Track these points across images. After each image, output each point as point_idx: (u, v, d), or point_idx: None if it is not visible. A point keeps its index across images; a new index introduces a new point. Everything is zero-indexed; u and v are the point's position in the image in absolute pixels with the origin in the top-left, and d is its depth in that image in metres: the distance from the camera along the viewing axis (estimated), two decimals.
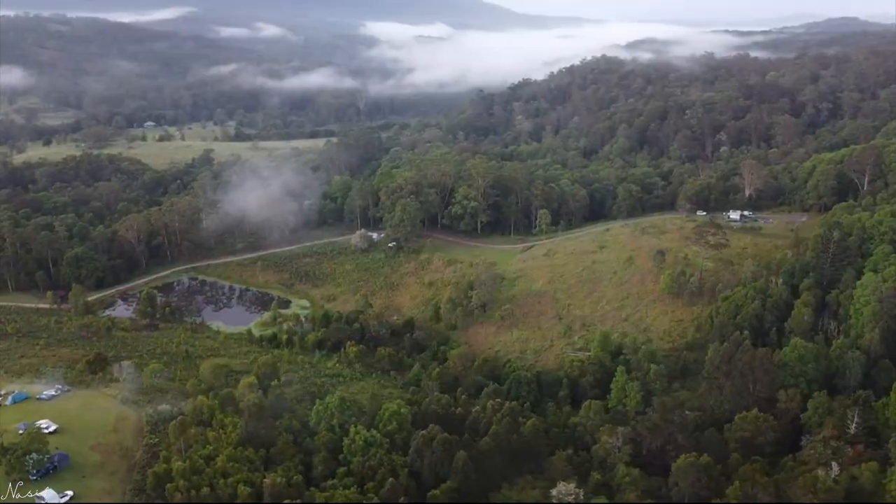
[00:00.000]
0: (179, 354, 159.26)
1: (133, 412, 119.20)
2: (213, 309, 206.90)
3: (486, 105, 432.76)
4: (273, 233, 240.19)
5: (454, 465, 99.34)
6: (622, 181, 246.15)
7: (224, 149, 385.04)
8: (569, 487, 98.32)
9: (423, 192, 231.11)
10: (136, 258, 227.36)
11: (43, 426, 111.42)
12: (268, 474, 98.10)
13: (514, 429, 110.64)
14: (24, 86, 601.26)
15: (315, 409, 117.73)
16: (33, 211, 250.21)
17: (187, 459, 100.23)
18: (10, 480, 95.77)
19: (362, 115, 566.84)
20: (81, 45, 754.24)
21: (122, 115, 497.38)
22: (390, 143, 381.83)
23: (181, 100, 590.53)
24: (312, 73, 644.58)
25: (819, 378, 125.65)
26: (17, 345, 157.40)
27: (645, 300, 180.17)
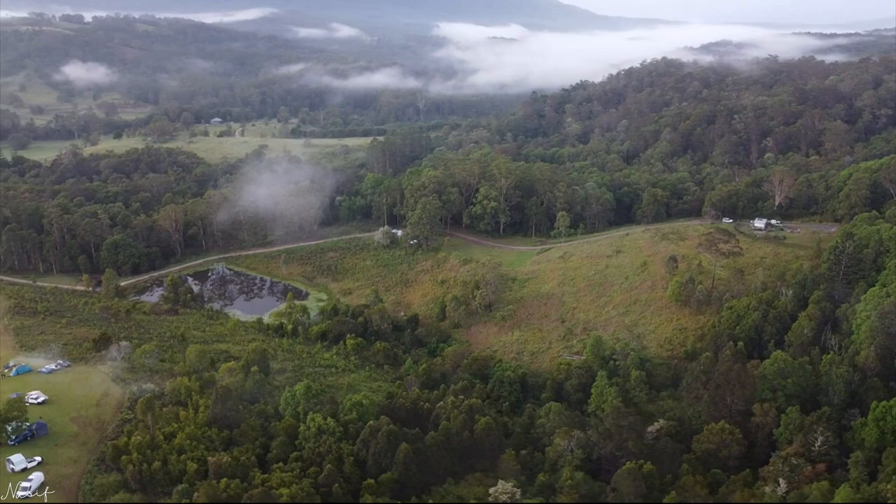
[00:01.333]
0: (188, 339, 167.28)
1: (119, 389, 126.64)
2: (234, 297, 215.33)
3: (537, 107, 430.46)
4: (302, 227, 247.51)
5: (396, 457, 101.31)
6: (653, 185, 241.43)
7: (278, 145, 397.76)
8: (506, 486, 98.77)
9: (446, 191, 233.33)
10: (172, 246, 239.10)
11: (33, 397, 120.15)
12: (222, 453, 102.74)
13: (467, 426, 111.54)
14: (107, 82, 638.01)
15: (283, 395, 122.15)
16: (87, 199, 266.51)
17: (147, 434, 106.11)
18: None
19: (421, 114, 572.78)
20: (164, 44, 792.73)
21: (191, 111, 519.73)
22: (437, 142, 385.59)
23: (250, 97, 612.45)
24: (377, 73, 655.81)
25: (800, 393, 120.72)
26: (41, 322, 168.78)
27: (652, 307, 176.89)
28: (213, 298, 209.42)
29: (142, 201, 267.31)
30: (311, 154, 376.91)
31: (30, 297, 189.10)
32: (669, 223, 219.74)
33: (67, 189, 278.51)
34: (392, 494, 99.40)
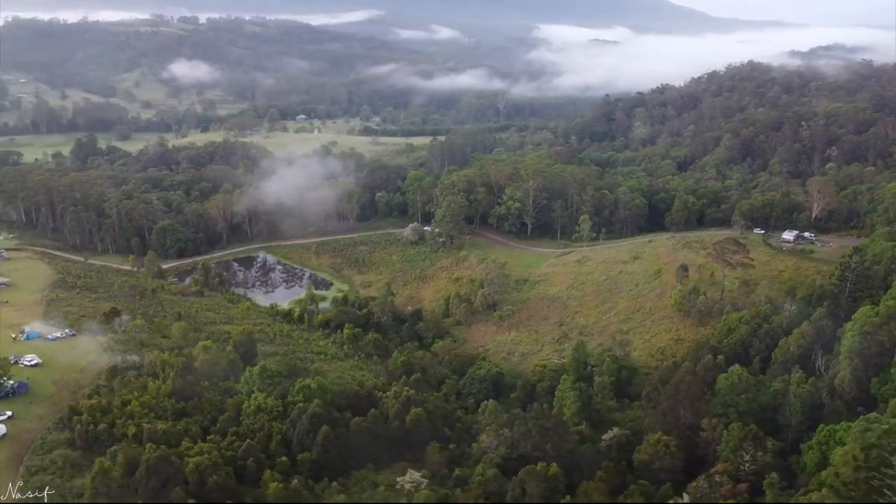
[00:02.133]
0: (199, 319, 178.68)
1: (107, 359, 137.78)
2: (261, 284, 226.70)
3: (608, 110, 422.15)
4: (341, 220, 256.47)
5: (316, 439, 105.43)
6: (692, 192, 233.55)
7: (346, 142, 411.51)
8: (414, 476, 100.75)
9: (474, 190, 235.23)
10: (218, 234, 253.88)
11: (28, 359, 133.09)
12: (160, 421, 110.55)
13: (399, 416, 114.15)
14: (210, 80, 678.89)
15: (244, 375, 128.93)
16: (153, 187, 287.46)
17: (105, 399, 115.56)
18: None
19: (501, 115, 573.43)
20: (268, 44, 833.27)
21: (278, 108, 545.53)
22: (499, 143, 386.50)
23: (338, 96, 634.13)
24: (462, 74, 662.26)
25: (755, 411, 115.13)
26: (74, 296, 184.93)
27: (654, 316, 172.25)
28: (241, 284, 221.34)
29: (201, 190, 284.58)
30: (376, 151, 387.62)
31: (75, 273, 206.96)
32: (697, 232, 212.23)
33: (136, 177, 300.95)
34: (309, 474, 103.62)
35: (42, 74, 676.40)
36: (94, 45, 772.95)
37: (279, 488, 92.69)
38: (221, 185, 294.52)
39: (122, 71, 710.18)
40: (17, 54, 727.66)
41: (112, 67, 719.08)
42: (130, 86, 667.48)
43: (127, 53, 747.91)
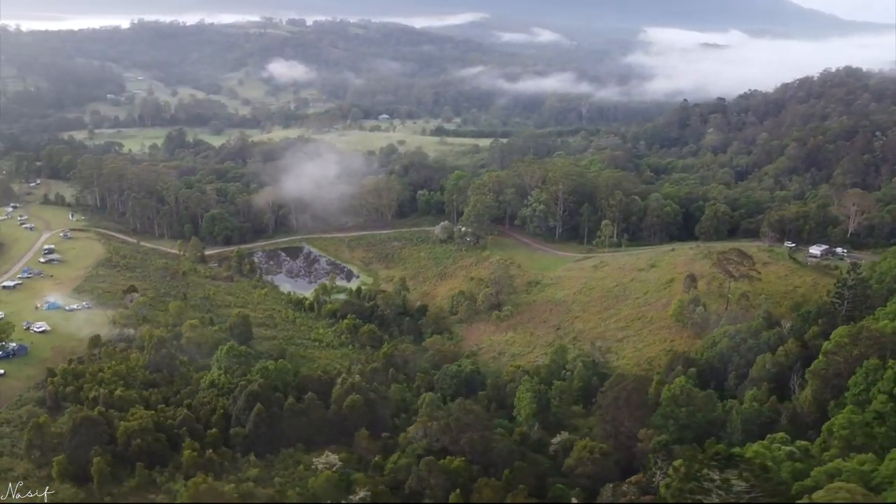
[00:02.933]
0: (216, 300, 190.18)
1: (107, 330, 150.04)
2: (292, 273, 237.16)
3: (683, 115, 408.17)
4: (380, 216, 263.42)
5: (250, 416, 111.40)
6: (732, 202, 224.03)
7: (416, 141, 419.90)
8: (330, 458, 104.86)
9: (504, 191, 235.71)
10: (265, 224, 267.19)
11: (37, 326, 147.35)
12: (121, 388, 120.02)
13: (339, 401, 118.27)
14: (306, 79, 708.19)
15: (216, 353, 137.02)
16: (217, 178, 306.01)
17: (83, 366, 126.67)
18: None
19: (583, 119, 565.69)
20: (366, 45, 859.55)
21: (362, 107, 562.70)
22: (563, 147, 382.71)
23: (424, 97, 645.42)
24: (549, 77, 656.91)
25: (695, 425, 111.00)
26: (112, 273, 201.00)
27: (654, 325, 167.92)
28: (272, 272, 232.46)
29: (260, 182, 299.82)
30: (441, 151, 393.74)
31: (123, 254, 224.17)
32: (725, 242, 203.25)
33: (205, 168, 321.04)
34: (241, 449, 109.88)
35: (158, 72, 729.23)
36: (207, 46, 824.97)
37: (193, 456, 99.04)
38: (279, 178, 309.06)
39: (228, 70, 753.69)
40: (139, 54, 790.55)
41: (220, 67, 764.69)
42: (235, 84, 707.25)
43: (235, 54, 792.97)
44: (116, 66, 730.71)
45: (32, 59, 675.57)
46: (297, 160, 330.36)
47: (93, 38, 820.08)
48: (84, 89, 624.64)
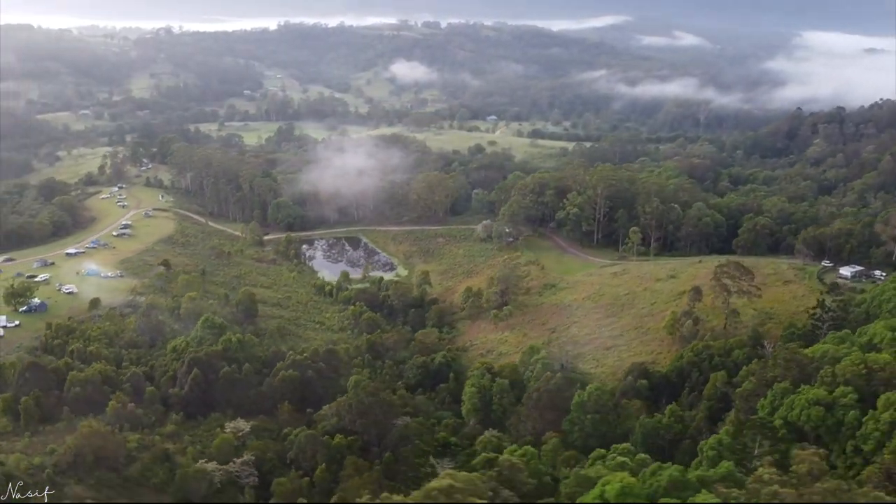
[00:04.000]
0: (246, 279, 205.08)
1: (123, 297, 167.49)
2: (336, 260, 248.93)
3: (793, 125, 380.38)
4: (433, 213, 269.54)
5: (188, 379, 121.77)
6: (785, 216, 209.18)
7: (508, 142, 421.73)
8: (240, 423, 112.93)
9: (545, 192, 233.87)
10: (326, 213, 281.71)
11: (66, 288, 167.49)
12: (99, 345, 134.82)
13: (274, 375, 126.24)
14: (429, 80, 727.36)
15: (197, 324, 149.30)
16: (300, 169, 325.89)
17: (75, 324, 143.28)
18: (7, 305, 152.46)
19: (701, 126, 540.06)
20: (494, 48, 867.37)
21: (470, 107, 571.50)
22: (654, 153, 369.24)
23: (540, 99, 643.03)
24: (671, 82, 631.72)
25: (600, 433, 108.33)
26: (165, 249, 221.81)
27: (647, 336, 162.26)
28: (316, 258, 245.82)
29: (332, 174, 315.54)
30: (529, 153, 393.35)
31: (188, 233, 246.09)
32: (758, 258, 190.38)
33: (292, 160, 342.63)
34: (178, 409, 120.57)
35: (295, 71, 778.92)
36: (343, 47, 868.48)
37: (116, 406, 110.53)
38: (348, 171, 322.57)
39: (359, 70, 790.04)
40: (281, 53, 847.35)
41: (352, 67, 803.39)
42: (363, 84, 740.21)
43: (367, 54, 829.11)
44: (259, 65, 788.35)
45: (187, 58, 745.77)
46: (370, 155, 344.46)
47: (244, 39, 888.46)
48: (226, 85, 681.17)
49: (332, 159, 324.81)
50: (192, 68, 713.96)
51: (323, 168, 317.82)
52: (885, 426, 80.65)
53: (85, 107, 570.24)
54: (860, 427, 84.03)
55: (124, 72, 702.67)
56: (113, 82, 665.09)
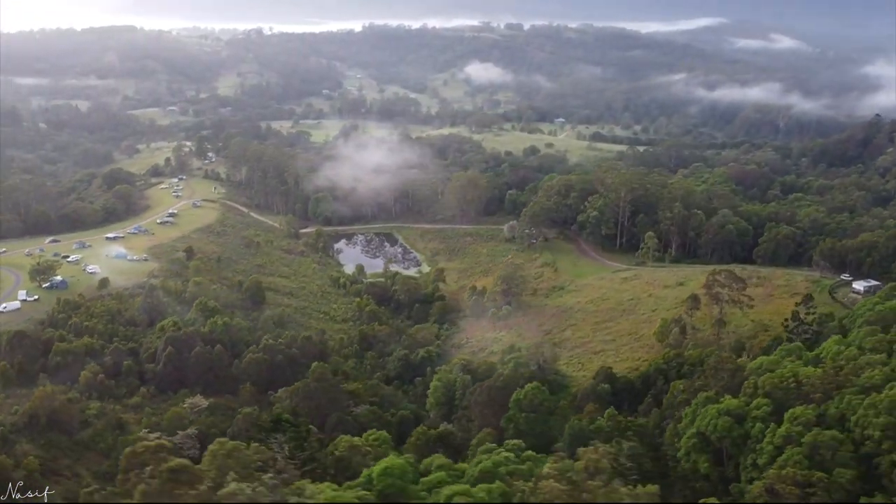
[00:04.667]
0: (266, 268, 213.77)
1: (141, 279, 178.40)
2: (365, 254, 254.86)
3: (869, 132, 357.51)
4: (465, 212, 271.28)
5: (163, 356, 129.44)
6: (819, 226, 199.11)
7: (564, 144, 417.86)
8: (198, 400, 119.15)
9: (569, 195, 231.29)
10: (364, 210, 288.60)
11: (90, 268, 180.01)
12: (103, 324, 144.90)
13: (242, 357, 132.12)
14: (503, 82, 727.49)
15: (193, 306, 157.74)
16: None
17: (83, 301, 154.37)
18: (32, 281, 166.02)
19: (779, 133, 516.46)
20: (574, 50, 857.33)
21: (538, 109, 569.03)
22: (710, 159, 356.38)
23: (614, 102, 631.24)
24: (753, 86, 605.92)
25: (536, 432, 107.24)
26: (200, 237, 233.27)
27: (639, 342, 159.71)
28: (345, 251, 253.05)
29: (374, 171, 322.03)
30: (585, 155, 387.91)
31: (227, 223, 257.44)
32: (776, 268, 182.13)
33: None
34: (152, 383, 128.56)
35: (375, 71, 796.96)
36: (424, 48, 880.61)
37: (87, 377, 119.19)
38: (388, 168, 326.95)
39: (437, 71, 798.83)
40: (363, 54, 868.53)
41: (430, 68, 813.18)
42: (439, 84, 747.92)
43: (446, 56, 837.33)
44: (341, 65, 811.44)
45: (272, 58, 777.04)
46: (422, 155, 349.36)
47: (329, 40, 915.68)
48: (307, 84, 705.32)
49: (377, 157, 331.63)
50: (275, 68, 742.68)
51: (366, 166, 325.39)
52: (779, 440, 77.18)
53: (173, 103, 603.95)
54: (763, 440, 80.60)
55: (214, 71, 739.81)
56: (202, 81, 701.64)
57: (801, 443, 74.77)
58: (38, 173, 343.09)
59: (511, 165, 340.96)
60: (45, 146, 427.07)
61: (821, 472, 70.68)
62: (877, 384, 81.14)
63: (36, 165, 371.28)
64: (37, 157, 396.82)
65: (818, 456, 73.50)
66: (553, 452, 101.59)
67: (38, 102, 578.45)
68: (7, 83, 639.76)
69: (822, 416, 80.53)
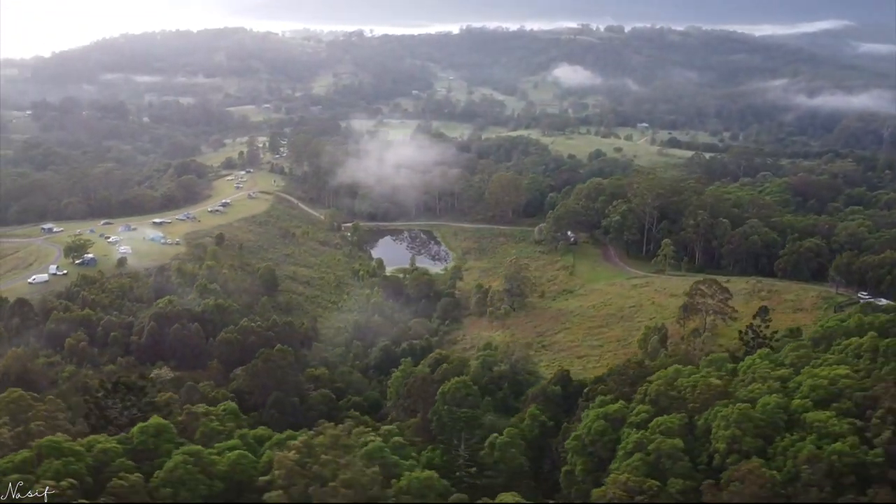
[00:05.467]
0: (295, 257, 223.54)
1: (166, 261, 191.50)
2: (398, 250, 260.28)
3: None
4: (503, 213, 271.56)
5: (146, 330, 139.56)
6: (859, 241, 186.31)
7: (635, 149, 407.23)
8: (164, 371, 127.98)
9: (598, 198, 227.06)
10: (408, 207, 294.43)
11: (123, 249, 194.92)
12: (109, 298, 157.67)
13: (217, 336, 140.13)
14: (592, 85, 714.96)
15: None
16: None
17: (99, 277, 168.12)
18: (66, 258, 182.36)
19: (884, 144, 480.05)
20: (674, 53, 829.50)
21: (622, 113, 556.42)
22: (783, 169, 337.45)
23: (706, 108, 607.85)
24: (860, 94, 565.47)
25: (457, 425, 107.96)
26: (242, 225, 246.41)
27: (625, 349, 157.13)
28: (377, 245, 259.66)
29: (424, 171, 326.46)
30: (654, 161, 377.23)
31: (274, 214, 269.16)
32: (792, 282, 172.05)
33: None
34: (133, 355, 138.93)
35: (467, 73, 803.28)
36: (519, 50, 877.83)
37: (70, 342, 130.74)
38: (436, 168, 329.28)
39: (529, 73, 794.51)
40: (458, 56, 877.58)
41: (523, 70, 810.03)
42: (530, 87, 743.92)
43: (540, 58, 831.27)
44: (434, 67, 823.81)
45: (368, 59, 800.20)
46: (501, 157, 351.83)
47: (426, 42, 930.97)
48: (398, 85, 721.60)
49: (431, 156, 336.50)
50: (370, 69, 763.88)
51: (418, 164, 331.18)
52: (631, 446, 75.16)
53: (269, 101, 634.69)
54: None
55: (312, 70, 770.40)
56: (300, 80, 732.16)
57: (648, 450, 72.61)
58: (128, 163, 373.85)
59: (570, 169, 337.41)
60: (142, 138, 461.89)
61: (654, 481, 68.67)
62: (754, 397, 77.29)
63: (129, 155, 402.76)
64: (133, 149, 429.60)
65: (661, 464, 71.24)
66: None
67: (149, 98, 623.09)
68: (126, 80, 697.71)
69: (691, 426, 77.66)
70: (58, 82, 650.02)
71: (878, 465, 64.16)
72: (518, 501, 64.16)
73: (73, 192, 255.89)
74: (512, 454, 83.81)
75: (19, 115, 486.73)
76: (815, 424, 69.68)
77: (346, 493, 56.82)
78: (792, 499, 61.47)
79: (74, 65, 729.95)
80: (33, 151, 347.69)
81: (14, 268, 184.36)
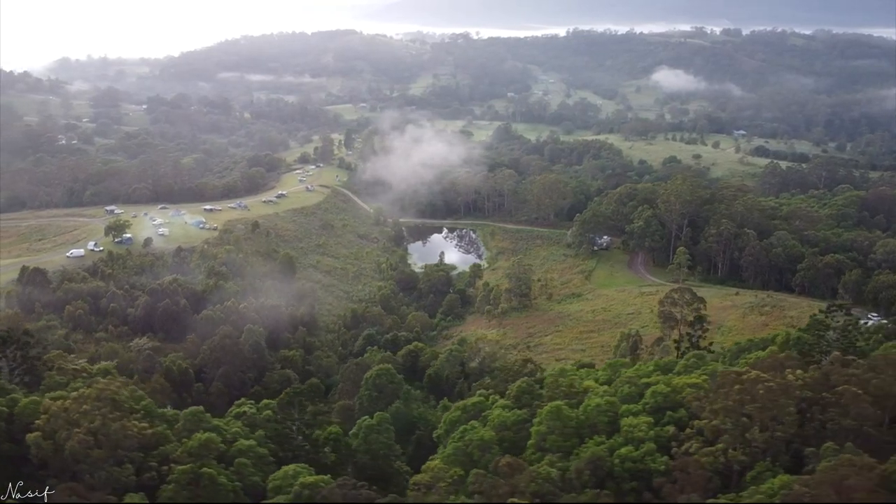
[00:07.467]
0: (326, 248, 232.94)
1: (195, 244, 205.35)
2: (437, 247, 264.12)
3: None
4: (545, 215, 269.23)
5: (141, 304, 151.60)
6: (892, 257, 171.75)
7: (715, 157, 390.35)
8: (143, 342, 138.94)
9: (628, 203, 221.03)
10: (458, 205, 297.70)
11: (161, 231, 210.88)
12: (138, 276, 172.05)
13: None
14: (696, 89, 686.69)
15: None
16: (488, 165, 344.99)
17: (124, 255, 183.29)
18: (107, 236, 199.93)
19: None
20: (791, 58, 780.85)
21: (719, 121, 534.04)
22: (867, 182, 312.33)
23: (816, 116, 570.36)
24: None
25: (376, 409, 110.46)
26: (286, 216, 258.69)
27: (604, 354, 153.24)
28: (410, 242, 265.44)
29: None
30: (733, 170, 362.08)
31: (325, 207, 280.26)
32: (803, 298, 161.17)
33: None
34: (130, 327, 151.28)
35: (568, 76, 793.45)
36: (624, 54, 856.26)
37: (70, 309, 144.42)
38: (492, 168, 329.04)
39: (633, 77, 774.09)
40: (562, 59, 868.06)
41: (627, 73, 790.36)
42: (631, 91, 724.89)
43: (645, 62, 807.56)
44: (536, 69, 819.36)
45: (469, 60, 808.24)
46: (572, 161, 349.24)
47: (531, 45, 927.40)
48: (495, 87, 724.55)
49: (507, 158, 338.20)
50: (469, 70, 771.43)
51: (471, 164, 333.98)
52: (457, 435, 75.59)
53: (366, 101, 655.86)
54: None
55: (414, 72, 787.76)
56: (401, 81, 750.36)
57: (465, 441, 73.08)
58: (216, 154, 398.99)
59: (637, 175, 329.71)
60: (238, 132, 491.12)
61: (458, 469, 69.27)
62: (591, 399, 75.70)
63: (221, 148, 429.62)
64: (227, 142, 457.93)
65: (472, 454, 71.62)
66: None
67: (257, 96, 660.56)
68: (240, 79, 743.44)
69: (529, 422, 77.14)
70: (181, 79, 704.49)
71: (661, 472, 61.58)
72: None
73: (143, 178, 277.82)
74: (374, 438, 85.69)
75: (136, 109, 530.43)
76: (625, 429, 67.54)
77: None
78: (557, 498, 60.29)
79: (197, 63, 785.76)
80: (130, 141, 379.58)
81: (64, 243, 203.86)
